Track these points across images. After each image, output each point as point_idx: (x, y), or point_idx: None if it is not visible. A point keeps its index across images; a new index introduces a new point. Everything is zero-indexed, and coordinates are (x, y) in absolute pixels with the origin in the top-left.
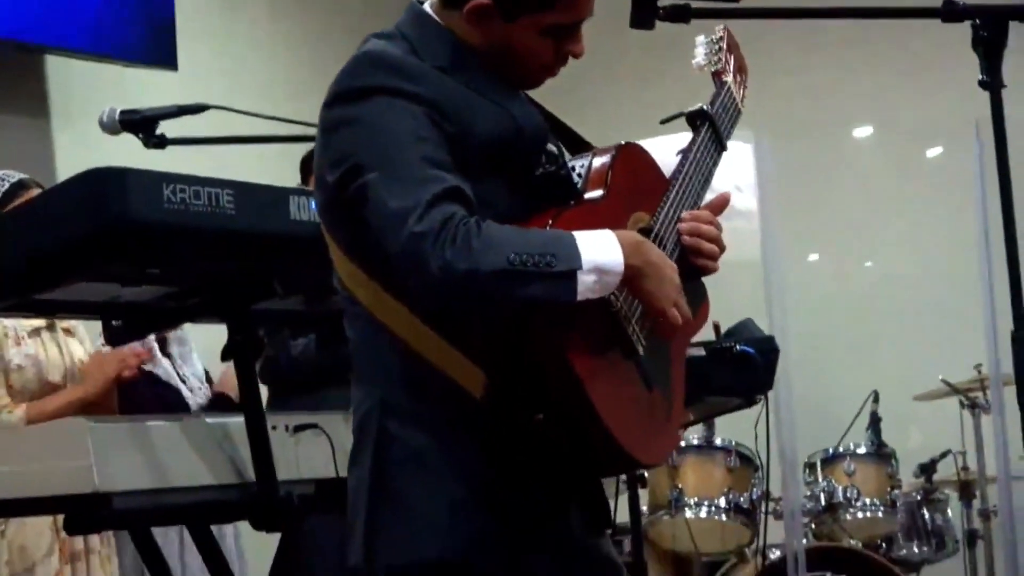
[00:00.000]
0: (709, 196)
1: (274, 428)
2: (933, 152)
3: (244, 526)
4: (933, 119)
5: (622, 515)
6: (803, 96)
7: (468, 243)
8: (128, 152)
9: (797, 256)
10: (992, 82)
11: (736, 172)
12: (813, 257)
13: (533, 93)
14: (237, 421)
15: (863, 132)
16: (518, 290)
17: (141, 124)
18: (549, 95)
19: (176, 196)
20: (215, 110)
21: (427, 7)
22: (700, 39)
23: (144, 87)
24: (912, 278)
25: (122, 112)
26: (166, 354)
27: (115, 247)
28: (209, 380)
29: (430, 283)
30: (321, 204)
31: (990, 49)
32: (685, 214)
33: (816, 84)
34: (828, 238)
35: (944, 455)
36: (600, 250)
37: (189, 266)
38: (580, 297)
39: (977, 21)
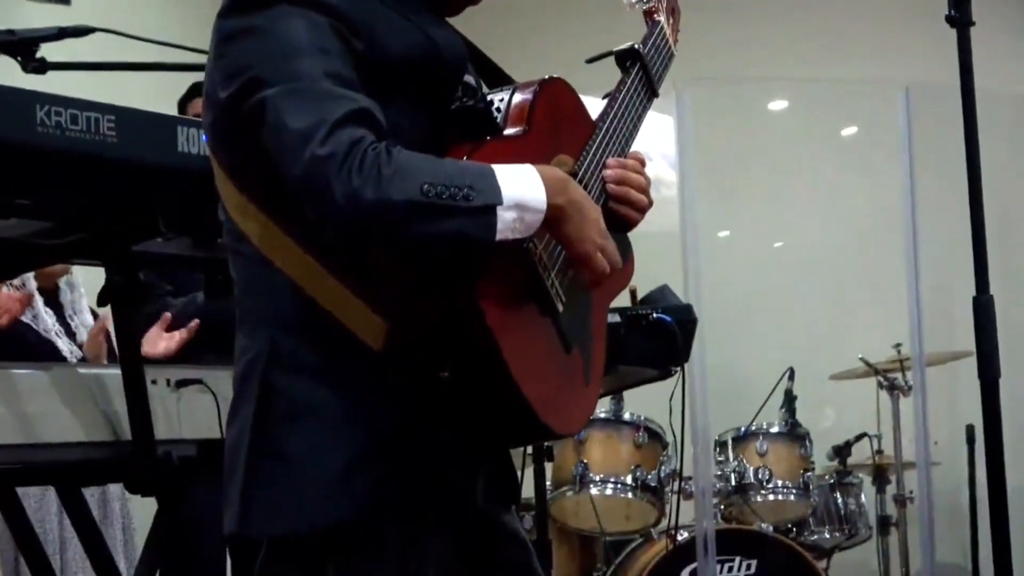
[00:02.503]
0: None
1: (154, 382)
2: (848, 131)
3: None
4: (849, 95)
5: (526, 490)
6: (720, 65)
7: (378, 170)
8: (5, 79)
9: (708, 231)
10: (961, 18)
11: (647, 140)
12: (724, 233)
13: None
14: (114, 373)
15: (778, 106)
16: (431, 225)
17: (19, 46)
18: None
19: (51, 119)
20: (108, 39)
21: None
22: None
23: (36, 22)
24: (830, 256)
25: None
26: (56, 303)
27: None
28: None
29: (333, 213)
30: (209, 124)
31: None
32: (611, 160)
33: (734, 54)
34: (739, 215)
35: (860, 437)
36: (521, 185)
37: (63, 198)
38: (499, 237)
39: None
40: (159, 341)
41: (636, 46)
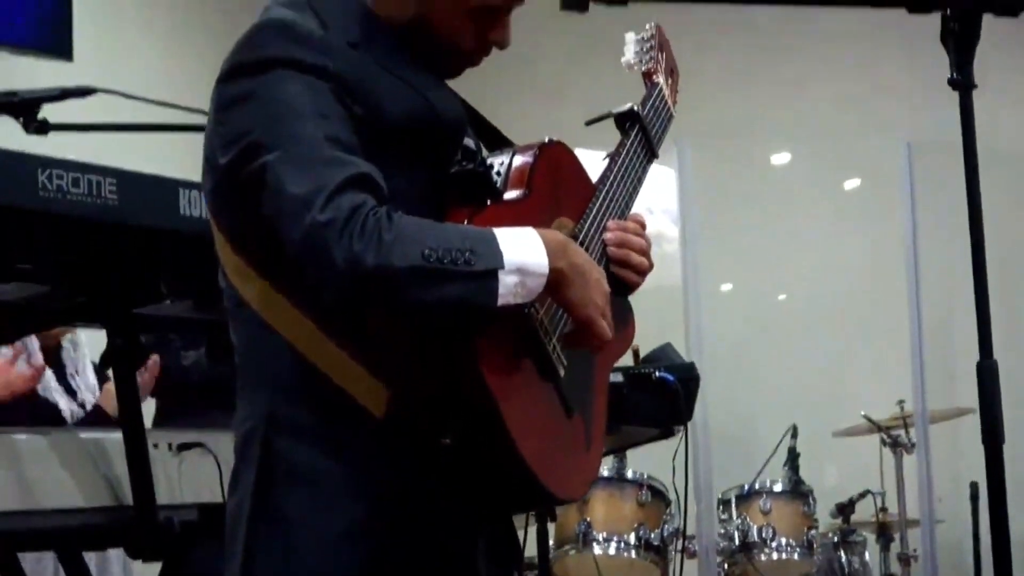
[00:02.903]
0: None
1: (155, 446)
2: (851, 184)
3: None
4: (851, 148)
5: (529, 549)
6: (722, 118)
7: (379, 235)
8: (7, 140)
9: (711, 285)
10: (963, 81)
11: (649, 195)
12: (726, 287)
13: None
14: (115, 437)
15: (781, 159)
16: (432, 290)
17: (21, 107)
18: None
19: (52, 182)
20: (110, 99)
21: None
22: (630, 36)
23: (36, 77)
24: (833, 309)
25: (0, 94)
26: (58, 361)
27: None
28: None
29: (333, 278)
30: (209, 190)
31: (961, 44)
32: (611, 223)
33: (735, 106)
34: (742, 268)
35: (863, 495)
36: (523, 249)
37: (65, 262)
38: (501, 301)
39: (948, 12)
40: None
41: (635, 108)
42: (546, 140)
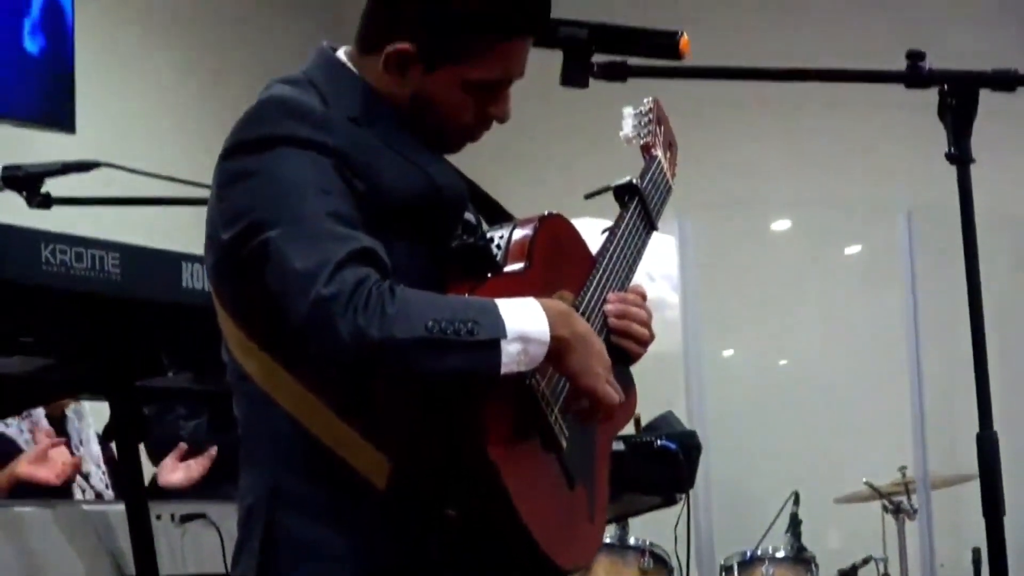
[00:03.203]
0: None
1: (158, 518)
2: (851, 250)
3: None
4: (852, 215)
5: None
6: (722, 187)
7: (382, 308)
8: (10, 213)
9: (712, 351)
10: (960, 155)
11: (650, 261)
12: (727, 353)
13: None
14: (117, 509)
15: (781, 226)
16: (436, 361)
17: (24, 181)
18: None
19: (55, 257)
20: (112, 172)
21: (340, 54)
22: (628, 110)
23: (38, 150)
24: (834, 375)
25: (4, 168)
26: (62, 432)
27: None
28: (108, 461)
29: (338, 352)
30: (211, 265)
31: (959, 119)
32: (611, 295)
33: (735, 175)
34: (743, 334)
35: (866, 561)
36: (524, 318)
37: (68, 335)
38: (504, 370)
39: (945, 87)
40: (176, 470)
41: (634, 181)
42: (546, 213)
